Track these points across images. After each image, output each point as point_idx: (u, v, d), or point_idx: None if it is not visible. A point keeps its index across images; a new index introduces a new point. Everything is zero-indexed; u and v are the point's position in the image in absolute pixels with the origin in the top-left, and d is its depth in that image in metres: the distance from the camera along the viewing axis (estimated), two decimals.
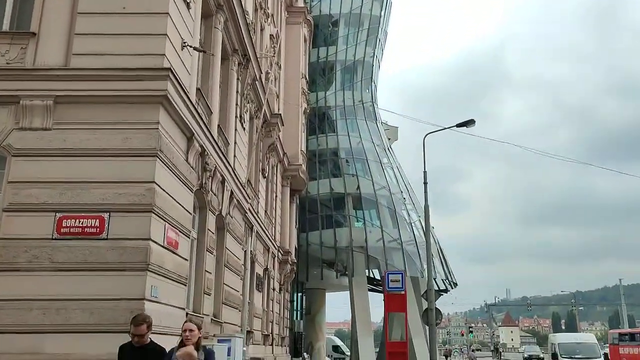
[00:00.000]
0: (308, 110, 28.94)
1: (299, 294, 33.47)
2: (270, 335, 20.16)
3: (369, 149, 32.90)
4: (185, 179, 9.22)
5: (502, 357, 58.81)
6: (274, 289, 21.07)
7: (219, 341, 10.06)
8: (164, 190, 8.11)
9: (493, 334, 73.74)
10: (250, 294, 16.56)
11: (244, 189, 13.96)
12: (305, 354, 35.74)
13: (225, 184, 12.11)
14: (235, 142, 13.68)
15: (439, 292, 32.71)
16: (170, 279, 8.45)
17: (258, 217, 17.13)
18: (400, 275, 12.44)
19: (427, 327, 28.48)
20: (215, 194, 11.29)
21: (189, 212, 9.49)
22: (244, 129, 14.86)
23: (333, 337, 49.07)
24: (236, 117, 13.82)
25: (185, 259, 9.29)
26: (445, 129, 19.63)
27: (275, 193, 22.06)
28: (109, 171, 7.78)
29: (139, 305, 7.31)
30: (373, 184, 30.99)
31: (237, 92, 14.07)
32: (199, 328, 5.30)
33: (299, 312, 33.15)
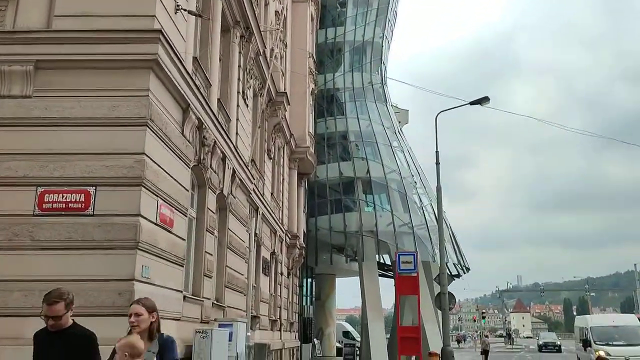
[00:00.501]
0: (316, 91, 28.19)
1: (309, 280, 32.99)
2: (279, 320, 19.65)
3: (378, 131, 32.08)
4: (181, 152, 8.60)
5: (514, 344, 58.19)
6: (281, 274, 20.52)
7: (220, 326, 9.53)
8: (155, 163, 7.48)
9: (504, 321, 73.18)
10: (257, 278, 16.01)
11: (247, 168, 13.34)
12: (315, 339, 35.36)
13: (227, 161, 11.48)
14: (237, 119, 13.03)
15: (451, 277, 32.00)
16: (164, 259, 7.86)
17: (264, 199, 16.53)
18: (412, 256, 11.74)
19: (439, 312, 27.90)
20: (215, 172, 10.67)
21: (186, 189, 8.88)
22: (247, 105, 14.19)
23: (343, 322, 48.70)
24: (238, 92, 13.15)
25: (182, 239, 8.70)
26: (458, 107, 18.85)
27: (282, 176, 21.43)
28: (94, 142, 7.16)
29: (128, 287, 6.74)
30: (383, 168, 30.21)
31: (239, 66, 13.38)
32: (151, 311, 4.21)
33: (308, 298, 32.69)
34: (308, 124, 24.09)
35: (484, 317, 51.17)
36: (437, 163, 18.06)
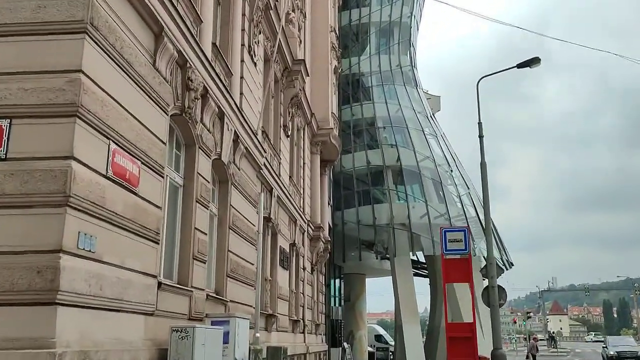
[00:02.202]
0: (340, 69, 25.85)
1: (337, 280, 30.63)
2: (301, 321, 17.34)
3: (409, 117, 29.58)
4: (151, 89, 6.38)
5: (558, 347, 54.56)
6: (304, 268, 18.21)
7: (212, 323, 7.27)
8: (102, 89, 5.27)
9: (545, 323, 69.20)
10: (273, 271, 13.76)
11: (255, 137, 11.10)
12: (345, 343, 32.90)
13: (226, 121, 9.25)
14: (242, 77, 10.83)
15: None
16: (124, 228, 5.64)
17: (281, 180, 14.28)
18: (463, 232, 9.02)
19: (481, 312, 25.17)
20: (209, 130, 8.44)
21: (161, 140, 6.66)
22: (255, 65, 11.97)
23: (375, 325, 46.06)
24: (243, 45, 10.94)
25: (156, 206, 6.47)
26: (503, 70, 16.27)
27: (303, 160, 19.15)
28: (9, 56, 5.00)
29: (52, 261, 4.52)
30: (415, 155, 27.68)
31: (244, 15, 11.18)
32: None
33: (337, 299, 30.31)
34: (331, 104, 21.77)
35: (529, 317, 47.80)
36: (480, 136, 15.53)
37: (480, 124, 15.68)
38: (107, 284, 5.23)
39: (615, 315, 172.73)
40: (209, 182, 8.43)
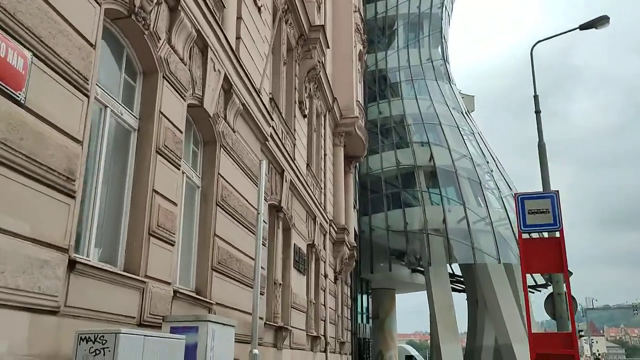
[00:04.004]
0: (365, 55, 23.36)
1: (364, 295, 27.80)
2: (322, 338, 14.63)
3: (442, 113, 26.83)
4: None
5: None
6: (325, 276, 15.54)
7: (172, 330, 4.72)
8: None
9: (590, 344, 64.43)
10: (285, 274, 11.16)
11: (259, 96, 8.63)
12: None
13: (211, 56, 6.79)
14: (240, 18, 8.42)
15: (536, 288, 26.05)
16: None
17: (295, 165, 11.77)
18: (551, 199, 6.07)
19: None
20: (181, 58, 5.98)
21: (85, 38, 4.19)
22: (259, 9, 9.54)
23: (406, 345, 42.83)
24: None
25: (70, 136, 3.98)
26: (562, 33, 13.52)
27: (324, 150, 16.62)
28: None
29: None
30: (450, 153, 24.85)
31: None
32: None
33: (364, 316, 27.44)
34: (356, 91, 19.24)
35: (581, 336, 43.72)
36: (537, 112, 12.78)
37: (536, 96, 12.95)
38: None
39: None
40: (180, 130, 5.93)
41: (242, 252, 7.75)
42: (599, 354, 55.68)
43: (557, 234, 5.90)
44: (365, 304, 27.76)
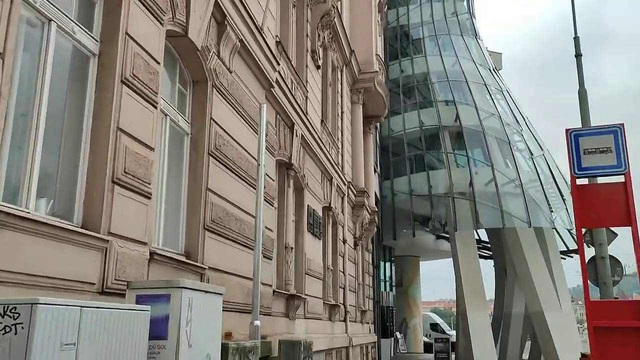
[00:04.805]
0: (385, 5, 21.88)
1: (387, 263, 26.89)
2: (342, 306, 13.76)
3: (469, 70, 25.26)
4: None
5: None
6: (344, 241, 14.59)
7: (138, 299, 3.77)
8: None
9: None
10: (298, 238, 10.20)
11: (260, 33, 7.51)
12: (397, 333, 29.15)
13: None
14: None
15: (568, 254, 24.77)
16: None
17: (308, 119, 10.68)
18: (614, 134, 4.89)
19: (561, 297, 20.84)
20: None
21: None
22: None
23: (430, 313, 42.12)
24: None
25: None
26: None
27: (341, 107, 15.47)
28: None
29: None
30: (477, 112, 23.39)
31: None
32: None
33: (387, 284, 26.58)
34: (376, 45, 17.91)
35: None
36: (577, 55, 11.42)
37: (576, 38, 11.56)
38: None
39: None
40: (156, 60, 4.88)
41: (243, 210, 6.77)
42: None
43: (623, 178, 4.73)
44: (388, 272, 26.89)
